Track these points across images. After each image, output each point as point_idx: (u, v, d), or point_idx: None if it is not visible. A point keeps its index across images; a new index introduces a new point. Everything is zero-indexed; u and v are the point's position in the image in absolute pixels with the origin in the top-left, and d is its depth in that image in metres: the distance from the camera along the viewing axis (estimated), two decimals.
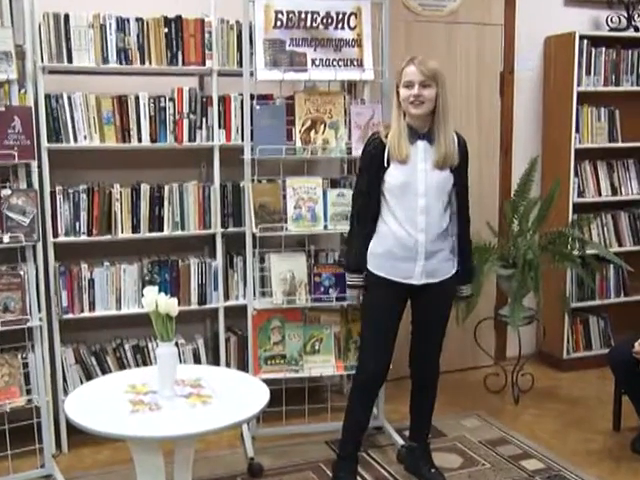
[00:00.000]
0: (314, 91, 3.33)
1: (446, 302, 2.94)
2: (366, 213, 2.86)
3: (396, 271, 2.83)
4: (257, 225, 3.17)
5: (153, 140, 3.35)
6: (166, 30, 3.31)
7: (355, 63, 3.24)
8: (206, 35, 3.36)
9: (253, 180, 3.23)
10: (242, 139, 3.34)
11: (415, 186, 2.76)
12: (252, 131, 3.19)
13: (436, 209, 2.78)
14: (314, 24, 3.21)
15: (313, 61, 3.22)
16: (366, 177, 2.85)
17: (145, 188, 3.36)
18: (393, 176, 2.78)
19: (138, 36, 3.28)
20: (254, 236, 3.23)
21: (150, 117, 3.33)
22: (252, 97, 3.21)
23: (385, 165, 2.78)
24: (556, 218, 4.01)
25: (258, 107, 3.19)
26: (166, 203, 3.39)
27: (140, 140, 3.33)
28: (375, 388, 2.99)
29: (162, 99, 3.35)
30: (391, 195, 2.80)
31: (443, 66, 2.66)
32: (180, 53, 3.33)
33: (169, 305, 2.39)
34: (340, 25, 3.23)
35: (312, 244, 3.47)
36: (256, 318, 3.28)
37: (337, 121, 3.24)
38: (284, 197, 3.25)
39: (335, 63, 3.23)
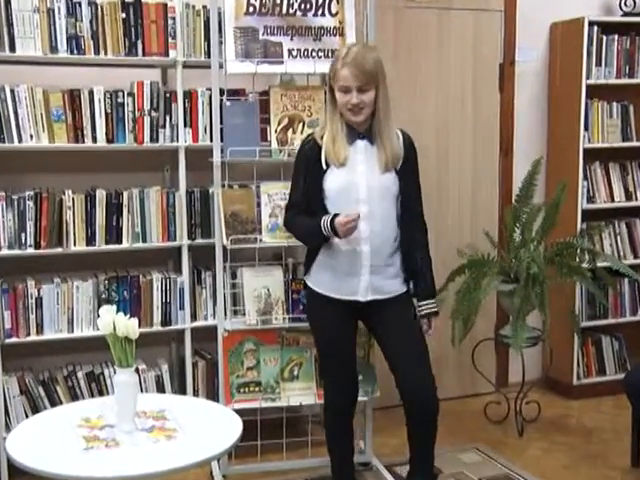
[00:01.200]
0: (291, 86, 3.37)
1: (405, 314, 2.91)
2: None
3: (338, 288, 2.86)
4: (228, 236, 3.20)
5: (110, 140, 3.37)
6: (124, 15, 3.34)
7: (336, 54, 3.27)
8: (169, 21, 3.40)
9: (223, 186, 3.26)
10: (211, 139, 3.37)
11: (355, 191, 2.78)
12: (222, 130, 3.22)
13: (381, 216, 2.81)
14: (291, 10, 3.25)
15: (290, 52, 3.26)
16: (302, 185, 2.88)
17: (101, 194, 3.38)
18: (330, 181, 2.81)
19: (91, 22, 3.30)
20: (225, 248, 3.26)
21: (106, 114, 3.35)
22: (222, 92, 3.24)
23: (324, 168, 2.81)
24: (563, 227, 4.06)
25: (228, 103, 3.22)
26: (125, 211, 3.41)
27: (95, 140, 3.35)
28: (343, 419, 3.04)
29: (120, 94, 3.37)
30: (330, 202, 2.82)
31: (435, 57, 2.69)
32: (140, 42, 3.37)
33: (129, 326, 2.40)
34: (320, 11, 3.28)
35: (290, 257, 3.51)
36: (227, 340, 3.30)
37: (317, 119, 3.28)
38: (258, 205, 3.28)
39: (315, 54, 3.28)
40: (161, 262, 3.66)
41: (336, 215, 2.74)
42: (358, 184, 2.78)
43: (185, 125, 3.46)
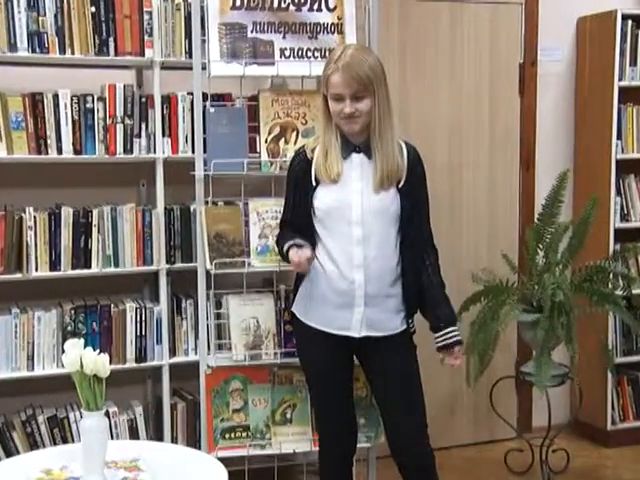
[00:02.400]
0: (284, 90, 3.40)
1: (403, 357, 2.92)
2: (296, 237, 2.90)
3: (329, 321, 2.87)
4: (212, 260, 3.22)
5: (77, 151, 3.40)
6: (93, 9, 3.37)
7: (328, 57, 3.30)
8: (145, 17, 3.43)
9: (207, 203, 3.28)
10: (192, 150, 3.40)
11: (348, 211, 2.80)
12: (205, 140, 3.26)
13: (378, 239, 2.82)
14: (283, 4, 3.29)
15: (282, 51, 3.30)
16: (291, 204, 2.93)
17: (67, 212, 3.40)
18: (320, 199, 2.84)
19: (56, 16, 3.33)
20: (208, 274, 3.28)
21: (73, 121, 3.38)
22: (205, 97, 3.28)
23: (313, 185, 2.84)
24: (593, 249, 4.07)
25: (212, 110, 3.25)
26: (94, 232, 3.43)
27: (60, 151, 3.38)
28: (342, 469, 3.06)
29: (89, 98, 3.40)
30: (320, 223, 2.86)
31: (447, 57, 2.69)
32: (111, 39, 3.40)
33: (98, 363, 2.41)
34: (316, 5, 3.32)
35: (282, 283, 3.51)
36: (211, 378, 3.32)
37: (313, 128, 3.31)
38: (246, 224, 3.30)
39: (310, 54, 3.31)
40: (136, 289, 3.68)
41: (297, 245, 2.82)
42: (351, 203, 2.80)
43: (163, 134, 3.49)
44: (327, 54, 3.24)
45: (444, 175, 4.21)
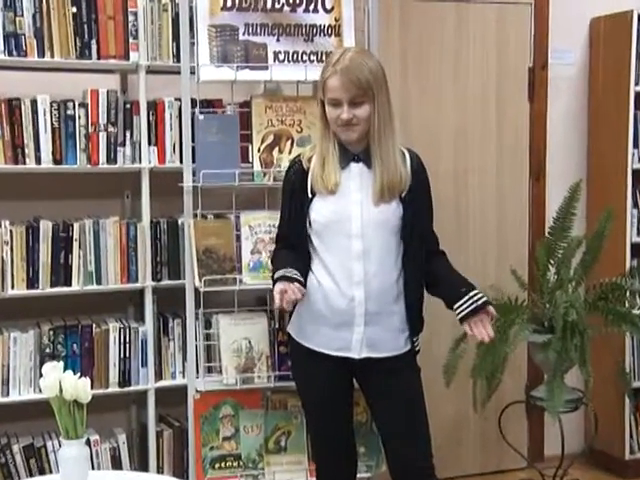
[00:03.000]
0: (278, 96, 3.43)
1: (406, 381, 2.92)
2: (290, 263, 2.90)
3: (327, 341, 2.88)
4: (201, 277, 3.23)
5: (57, 161, 3.41)
6: (74, 10, 3.39)
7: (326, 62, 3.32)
8: (130, 17, 3.45)
9: (196, 215, 3.29)
10: (180, 160, 3.41)
11: (347, 224, 2.81)
12: (194, 149, 3.27)
13: (379, 254, 2.83)
14: (277, 5, 3.31)
15: (276, 55, 3.32)
16: (287, 217, 2.94)
17: (46, 226, 3.40)
18: (317, 211, 2.85)
19: (35, 17, 3.34)
20: (197, 291, 3.28)
21: (53, 129, 3.39)
22: (194, 103, 3.29)
23: (309, 197, 2.86)
24: (608, 264, 4.07)
25: (202, 117, 3.27)
26: (75, 247, 3.44)
27: (38, 161, 3.38)
28: None
29: (69, 105, 3.41)
30: (317, 237, 2.87)
31: (452, 61, 2.70)
32: (94, 42, 3.42)
33: (78, 388, 2.41)
34: (312, 6, 3.34)
35: None
36: (199, 404, 3.31)
37: (309, 136, 3.32)
38: (238, 239, 3.31)
39: (306, 57, 3.34)
40: (119, 308, 3.68)
41: (288, 278, 2.75)
42: (350, 215, 2.81)
43: (149, 143, 3.50)
44: (324, 57, 3.26)
45: (448, 186, 4.22)
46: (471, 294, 2.83)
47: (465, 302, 2.82)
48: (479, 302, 2.82)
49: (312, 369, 2.94)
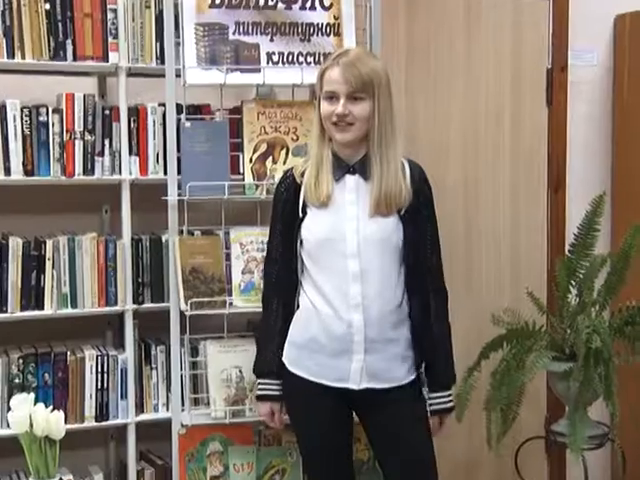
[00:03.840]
0: (271, 101, 3.44)
1: (411, 413, 2.92)
2: (281, 287, 2.96)
3: (323, 370, 2.88)
4: (187, 299, 3.23)
5: (28, 172, 3.41)
6: (47, 6, 3.40)
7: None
8: (109, 15, 3.46)
9: (181, 232, 3.30)
10: (165, 171, 3.43)
11: (342, 242, 2.82)
12: (179, 160, 3.28)
13: (378, 275, 2.84)
14: (270, 2, 3.33)
15: (269, 56, 3.33)
16: (278, 235, 2.95)
17: (15, 244, 3.41)
18: (308, 228, 2.86)
19: (4, 14, 3.36)
20: (183, 315, 3.28)
21: (24, 137, 3.40)
22: (179, 109, 3.31)
23: (300, 214, 2.87)
24: (635, 285, 4.07)
25: (188, 124, 3.28)
26: (48, 266, 3.44)
27: (8, 172, 3.39)
28: None
29: (42, 110, 3.42)
30: (309, 257, 2.88)
31: (462, 61, 2.71)
32: (69, 42, 3.43)
33: (51, 422, 2.41)
34: (309, 3, 3.36)
35: None
36: (185, 440, 3.31)
37: (305, 145, 3.33)
38: (227, 257, 3.32)
39: (302, 59, 3.35)
40: (96, 334, 3.69)
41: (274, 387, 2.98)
42: (345, 233, 2.82)
43: (130, 152, 3.51)
44: (322, 59, 3.28)
45: (458, 199, 4.23)
46: (438, 394, 2.98)
47: (430, 399, 2.98)
48: (435, 408, 2.98)
49: (307, 401, 2.94)
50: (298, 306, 2.95)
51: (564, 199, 4.44)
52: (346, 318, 2.83)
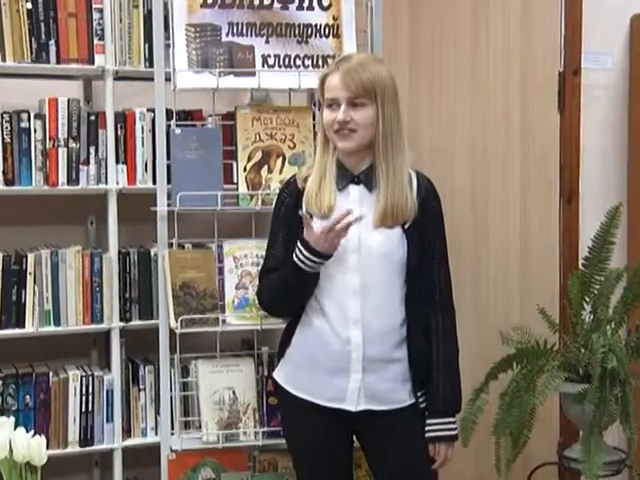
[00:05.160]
0: (267, 106, 3.46)
1: (411, 438, 2.92)
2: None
3: (319, 389, 2.89)
4: (178, 316, 3.23)
5: (9, 181, 3.43)
6: (29, 5, 3.42)
7: (330, 62, 3.32)
8: (95, 15, 3.48)
9: (171, 245, 3.31)
10: (154, 181, 3.45)
11: (343, 254, 2.82)
12: (170, 168, 3.29)
13: (379, 291, 2.85)
14: (266, 1, 3.35)
15: (265, 59, 3.35)
16: (281, 245, 2.94)
17: None
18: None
19: None
20: (173, 333, 3.29)
21: (4, 145, 3.41)
22: (169, 115, 3.32)
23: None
24: None
25: (179, 131, 3.29)
26: (30, 281, 3.45)
27: None
28: None
29: (24, 116, 3.44)
30: None
31: (468, 63, 2.70)
32: (53, 43, 3.45)
33: (32, 448, 2.41)
34: (307, 3, 3.38)
35: (265, 345, 3.55)
36: (175, 465, 3.31)
37: (303, 152, 3.36)
38: (221, 272, 3.33)
39: (299, 62, 3.37)
40: (81, 353, 3.70)
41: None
42: (347, 245, 2.82)
43: (117, 160, 3.53)
44: (320, 62, 3.31)
45: (465, 210, 4.23)
46: (438, 420, 2.92)
47: (429, 425, 2.92)
48: (433, 435, 2.91)
49: (304, 423, 2.95)
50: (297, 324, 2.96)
51: (577, 210, 4.43)
52: (344, 334, 2.84)
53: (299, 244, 2.78)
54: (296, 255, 2.79)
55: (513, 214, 4.35)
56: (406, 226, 2.87)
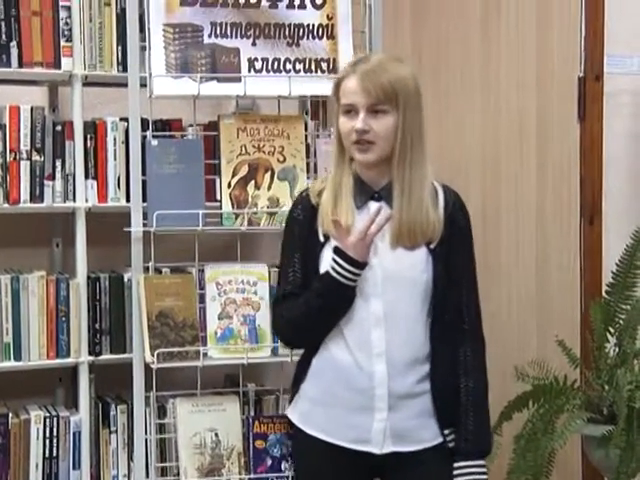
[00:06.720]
0: (253, 115, 3.47)
1: None
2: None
3: (340, 429, 2.86)
4: (154, 350, 3.23)
5: None
6: None
7: (324, 66, 3.38)
8: (62, 14, 3.50)
9: (147, 269, 3.31)
10: (127, 199, 3.45)
11: (363, 279, 2.81)
12: (145, 184, 3.29)
13: (404, 319, 2.84)
14: None
15: (251, 63, 3.36)
16: (298, 266, 2.92)
17: None
18: (326, 262, 2.83)
19: None
20: (148, 369, 3.28)
21: None
22: (145, 125, 3.32)
23: (321, 241, 2.86)
24: None
25: (155, 142, 3.30)
26: None
27: None
28: None
29: None
30: None
31: (478, 68, 2.67)
32: (14, 45, 3.46)
33: None
34: (298, 1, 3.39)
35: (251, 381, 3.55)
36: None
37: (294, 167, 3.36)
38: (202, 299, 3.33)
39: (289, 66, 3.38)
40: (45, 391, 3.69)
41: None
42: (367, 269, 2.81)
43: (86, 176, 3.54)
44: (312, 66, 3.32)
45: (476, 230, 4.15)
46: (466, 463, 2.88)
47: (457, 469, 2.88)
48: (477, 477, 2.89)
49: (320, 467, 2.92)
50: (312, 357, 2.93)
51: (600, 230, 4.43)
52: (367, 368, 2.82)
53: (334, 255, 2.76)
54: (333, 268, 2.77)
55: (528, 235, 4.37)
56: (432, 246, 2.86)
